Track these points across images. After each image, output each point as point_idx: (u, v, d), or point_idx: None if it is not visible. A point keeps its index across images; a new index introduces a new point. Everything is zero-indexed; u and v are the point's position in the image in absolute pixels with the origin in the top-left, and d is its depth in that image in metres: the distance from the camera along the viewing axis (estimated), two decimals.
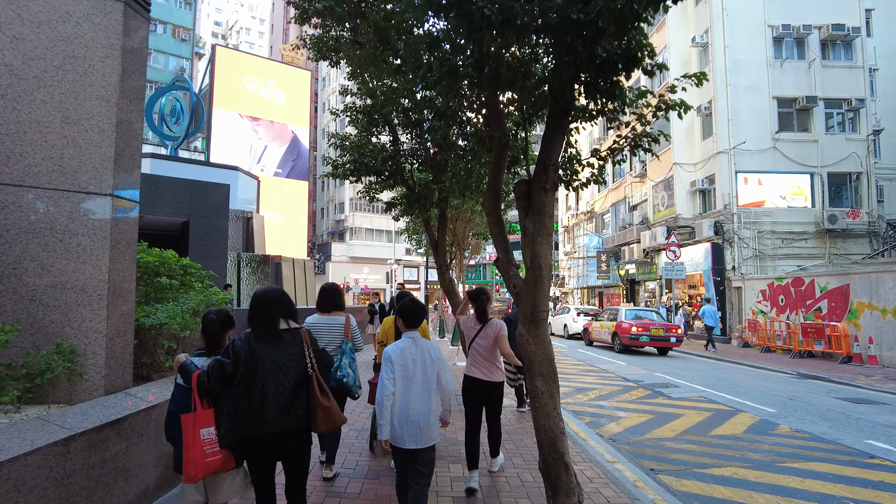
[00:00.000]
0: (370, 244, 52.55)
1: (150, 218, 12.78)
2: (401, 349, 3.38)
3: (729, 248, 21.85)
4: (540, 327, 3.79)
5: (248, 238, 18.62)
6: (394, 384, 3.29)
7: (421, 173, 8.00)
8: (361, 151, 7.66)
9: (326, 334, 4.59)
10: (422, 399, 3.32)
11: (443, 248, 8.51)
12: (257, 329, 2.91)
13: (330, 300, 4.77)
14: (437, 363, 3.44)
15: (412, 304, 3.64)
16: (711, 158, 22.81)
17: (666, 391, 10.42)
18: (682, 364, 15.13)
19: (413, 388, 3.31)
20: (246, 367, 2.77)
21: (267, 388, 2.78)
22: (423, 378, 3.35)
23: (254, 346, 2.82)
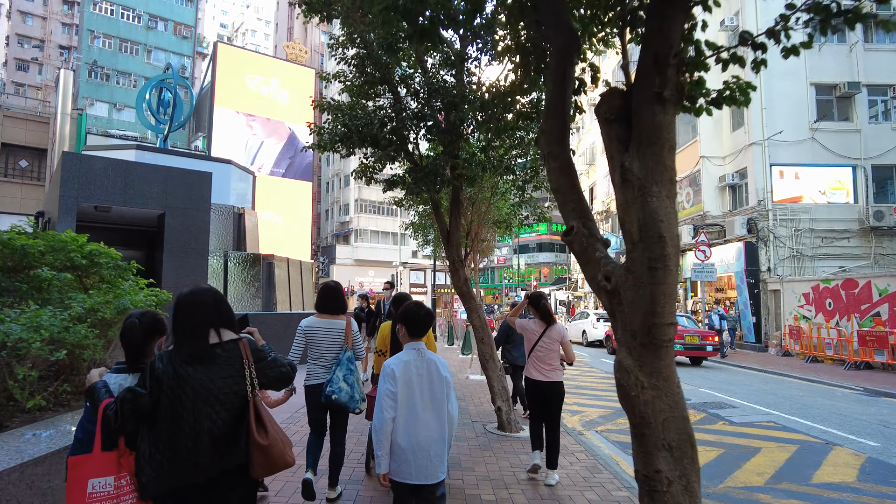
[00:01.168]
0: (375, 246, 51.02)
1: (120, 210, 11.21)
2: (404, 363, 2.83)
3: (764, 248, 20.04)
4: (662, 355, 2.13)
5: (239, 236, 17.06)
6: (395, 406, 2.75)
7: (429, 142, 6.32)
8: (353, 114, 6.02)
9: (324, 340, 4.20)
10: (431, 423, 2.79)
11: (456, 240, 6.84)
12: (181, 345, 2.19)
13: (330, 301, 4.34)
14: (447, 381, 2.88)
15: (418, 309, 3.01)
16: (743, 151, 21.03)
17: (723, 413, 8.67)
18: (724, 377, 13.36)
19: (419, 410, 2.79)
20: (171, 397, 2.09)
21: (200, 423, 2.10)
22: (432, 398, 2.82)
23: (178, 368, 2.12)
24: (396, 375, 2.80)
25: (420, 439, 2.75)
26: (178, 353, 2.14)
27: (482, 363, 6.83)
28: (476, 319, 6.80)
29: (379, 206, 51.67)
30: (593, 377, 13.00)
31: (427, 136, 6.27)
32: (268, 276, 15.29)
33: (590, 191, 38.44)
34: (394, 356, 2.95)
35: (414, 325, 2.93)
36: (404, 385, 2.80)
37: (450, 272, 7.01)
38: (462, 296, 6.95)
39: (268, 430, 2.20)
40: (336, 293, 4.40)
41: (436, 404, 2.83)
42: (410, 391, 2.80)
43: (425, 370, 2.85)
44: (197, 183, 11.96)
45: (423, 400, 2.82)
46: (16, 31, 59.38)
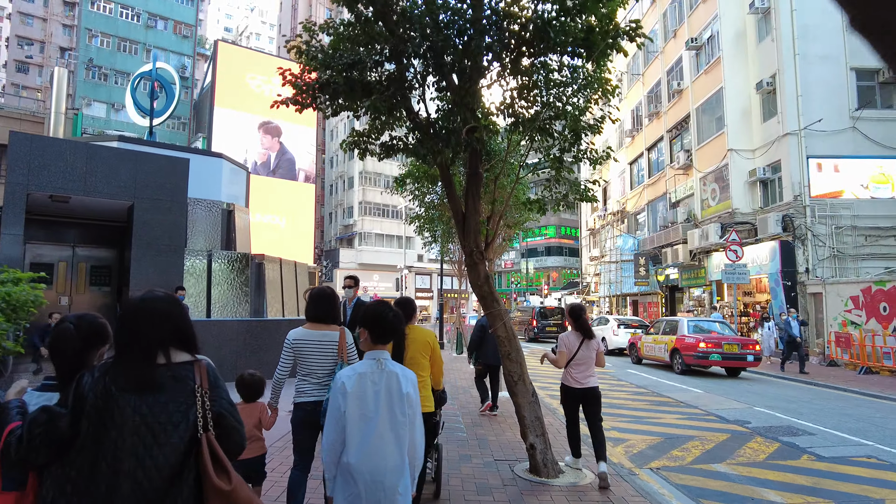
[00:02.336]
0: (380, 250, 49.55)
1: (81, 200, 9.73)
2: (359, 375, 2.40)
3: (801, 247, 18.35)
4: None
5: (228, 234, 15.58)
6: (344, 425, 2.32)
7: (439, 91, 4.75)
8: (339, 55, 4.48)
9: (315, 354, 3.61)
10: (388, 450, 2.32)
11: (474, 225, 5.28)
12: (120, 366, 1.71)
13: (321, 310, 3.73)
14: (409, 400, 2.40)
15: (384, 310, 2.58)
16: (776, 142, 19.37)
17: (801, 443, 7.04)
18: (773, 392, 11.70)
19: (375, 432, 2.32)
20: (94, 424, 1.63)
21: (121, 463, 1.61)
22: (391, 419, 2.36)
23: (112, 392, 1.65)
24: (347, 390, 2.37)
25: (374, 468, 2.30)
26: (116, 374, 1.69)
27: (508, 386, 5.26)
28: (501, 329, 5.22)
29: (384, 208, 50.25)
30: (626, 392, 11.37)
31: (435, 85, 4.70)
32: (257, 278, 13.78)
33: (603, 191, 36.83)
34: (348, 367, 2.59)
35: (379, 330, 2.53)
36: (357, 401, 2.36)
37: (466, 268, 5.45)
38: (482, 298, 5.38)
39: (230, 473, 1.74)
40: (328, 300, 3.78)
41: (395, 427, 2.37)
42: (364, 410, 2.36)
43: (384, 385, 2.40)
44: (171, 170, 10.47)
45: (378, 421, 2.36)
46: (16, 33, 58.55)
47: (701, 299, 24.82)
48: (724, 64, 21.23)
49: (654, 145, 28.68)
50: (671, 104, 26.07)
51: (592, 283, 38.17)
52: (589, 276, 39.22)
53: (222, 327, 10.95)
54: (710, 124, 22.72)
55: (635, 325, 21.21)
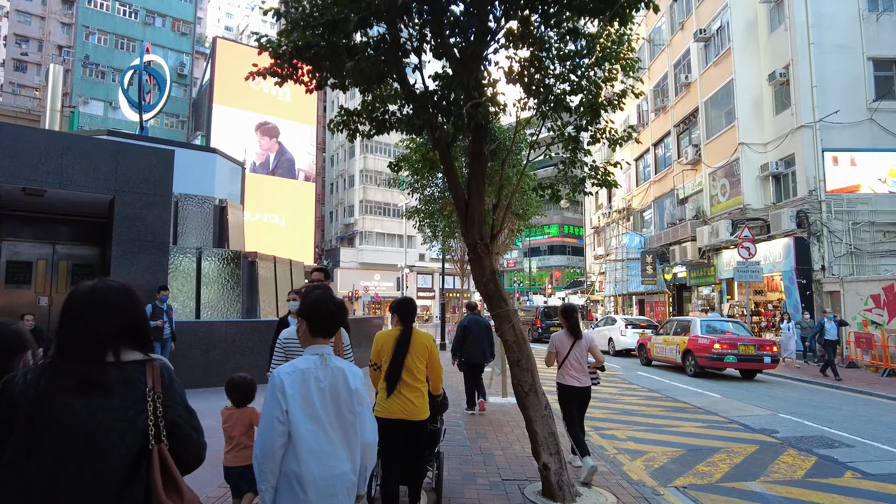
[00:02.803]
0: (381, 249, 48.95)
1: (58, 194, 9.11)
2: (301, 372, 2.12)
3: (816, 244, 17.66)
4: None
5: (220, 231, 14.96)
6: (285, 432, 2.04)
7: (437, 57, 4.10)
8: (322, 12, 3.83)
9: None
10: (337, 454, 2.09)
11: (479, 214, 4.64)
12: (64, 363, 1.52)
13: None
14: (359, 396, 2.18)
15: (325, 300, 2.30)
16: (790, 135, 18.67)
17: (840, 456, 6.37)
18: (796, 395, 11.03)
19: (323, 435, 2.09)
20: (25, 437, 1.44)
21: (58, 481, 1.43)
22: (338, 418, 2.13)
23: (50, 394, 1.46)
24: (286, 389, 2.06)
25: (324, 474, 2.04)
26: (58, 374, 1.49)
27: (518, 397, 4.62)
28: (510, 333, 4.57)
29: (385, 207, 49.65)
30: (638, 397, 10.71)
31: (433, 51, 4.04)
32: (250, 277, 13.15)
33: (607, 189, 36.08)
34: (287, 363, 2.21)
35: (319, 321, 2.25)
36: (300, 400, 2.07)
37: (469, 263, 4.80)
38: (487, 297, 4.73)
39: (182, 491, 1.57)
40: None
41: (344, 428, 2.13)
42: (309, 410, 2.07)
43: (328, 382, 2.13)
44: (155, 162, 9.84)
45: (326, 423, 2.09)
46: (14, 32, 58.05)
47: (710, 298, 24.14)
48: (735, 55, 20.54)
49: (660, 140, 28.00)
50: (678, 98, 25.39)
51: (597, 282, 37.48)
52: (593, 275, 38.53)
53: (211, 329, 10.33)
54: (719, 118, 22.03)
55: (644, 325, 20.52)
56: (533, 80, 4.24)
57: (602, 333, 21.31)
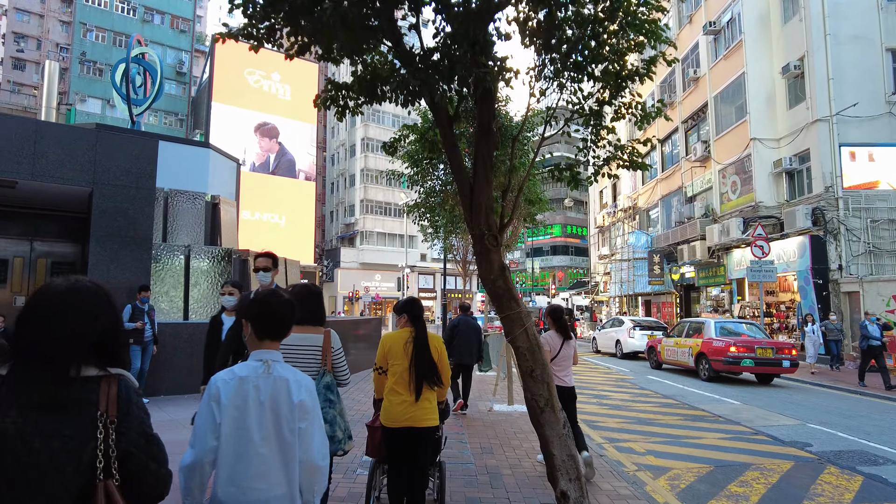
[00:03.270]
0: (382, 249, 48.29)
1: (31, 186, 8.48)
2: (239, 380, 1.87)
3: (833, 243, 16.98)
4: None
5: (213, 228, 14.36)
6: (216, 447, 1.82)
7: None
8: None
9: (293, 360, 2.84)
10: (272, 475, 1.83)
11: (485, 200, 4.01)
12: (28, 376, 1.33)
13: (303, 308, 2.81)
14: (303, 411, 1.91)
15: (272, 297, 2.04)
16: (804, 129, 18.00)
17: (889, 475, 5.71)
18: (819, 402, 10.37)
19: (255, 454, 1.83)
20: None
21: None
22: (278, 437, 1.86)
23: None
24: (222, 399, 1.83)
25: (253, 499, 1.80)
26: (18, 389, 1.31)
27: (532, 413, 3.98)
28: (522, 338, 3.92)
29: (386, 206, 49.03)
30: (652, 404, 10.04)
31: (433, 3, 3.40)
32: (241, 275, 12.51)
33: (613, 187, 35.48)
34: (226, 369, 1.95)
35: (265, 322, 1.97)
36: (234, 412, 1.83)
37: (475, 257, 4.15)
38: (496, 297, 4.08)
39: None
40: (311, 298, 3.18)
41: (282, 447, 1.87)
42: (243, 425, 1.83)
43: (269, 394, 1.87)
44: (137, 153, 9.21)
45: (261, 438, 1.84)
46: (12, 30, 57.59)
47: (719, 299, 23.47)
48: (747, 48, 19.87)
49: (667, 137, 27.32)
50: (686, 93, 24.73)
51: (601, 282, 36.80)
52: (598, 276, 37.85)
53: (197, 330, 9.66)
54: (729, 113, 21.37)
55: (653, 326, 19.85)
56: (552, 34, 3.59)
57: (608, 335, 20.66)
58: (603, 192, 37.61)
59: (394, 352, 3.44)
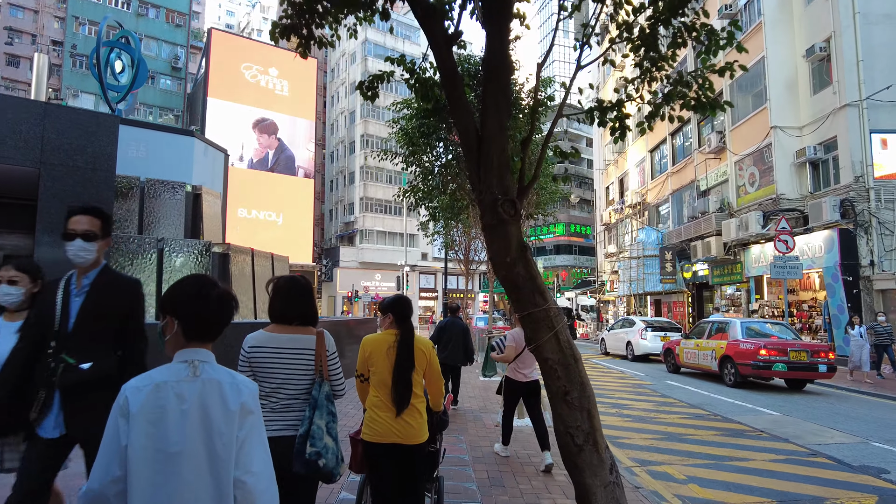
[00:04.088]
0: (382, 248, 47.16)
1: None
2: (156, 386, 1.51)
3: (864, 236, 15.79)
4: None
5: (194, 221, 13.24)
6: (121, 473, 1.46)
7: None
8: None
9: (280, 367, 2.56)
10: (198, 499, 1.47)
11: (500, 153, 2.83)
12: None
13: (290, 305, 2.68)
14: (245, 417, 1.56)
15: (203, 286, 1.64)
16: (831, 116, 16.82)
17: None
18: (870, 413, 9.20)
19: (180, 477, 1.47)
20: None
21: None
22: (208, 453, 1.50)
23: None
24: (131, 409, 1.46)
25: None
26: None
27: (566, 452, 2.83)
28: (551, 346, 2.79)
29: (386, 205, 47.92)
30: (678, 414, 8.87)
31: None
32: (222, 272, 11.39)
33: (619, 182, 34.30)
34: (142, 375, 1.57)
35: (199, 320, 1.60)
36: (149, 429, 1.46)
37: (485, 233, 2.99)
38: (515, 288, 2.92)
39: None
40: (299, 291, 2.69)
41: (214, 466, 1.49)
42: (162, 441, 1.46)
43: (196, 401, 1.50)
44: (94, 130, 8.07)
45: (186, 459, 1.47)
46: (5, 25, 56.63)
47: (735, 298, 22.28)
48: (766, 31, 18.69)
49: (678, 129, 26.14)
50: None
51: (608, 281, 35.61)
52: (604, 274, 36.66)
53: None
54: (746, 101, 20.19)
55: (666, 327, 18.67)
56: None
57: (618, 336, 19.48)
58: (609, 188, 36.43)
59: (375, 357, 3.02)
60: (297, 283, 2.73)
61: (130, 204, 12.05)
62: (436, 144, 7.28)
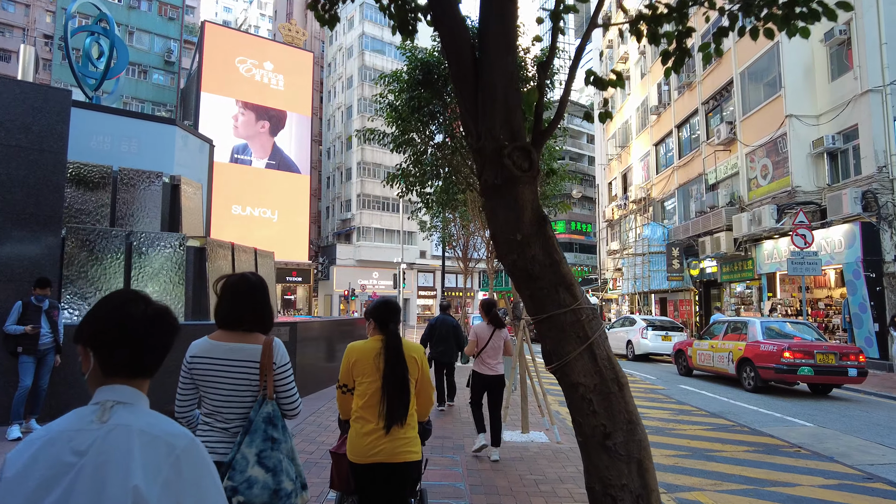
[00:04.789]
0: (380, 246, 46.27)
1: None
2: (47, 441, 1.08)
3: (888, 230, 14.87)
4: None
5: (172, 213, 12.33)
6: None
7: None
8: None
9: (222, 380, 2.23)
10: None
11: (505, 83, 1.84)
12: None
13: (237, 308, 2.33)
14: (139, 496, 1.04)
15: (127, 303, 1.23)
16: (851, 103, 15.88)
17: None
18: None
19: None
20: None
21: None
22: None
23: None
24: (4, 473, 1.07)
25: None
26: None
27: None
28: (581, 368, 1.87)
29: (384, 201, 46.99)
30: (700, 425, 7.93)
31: None
32: (198, 268, 10.44)
33: (623, 177, 33.38)
34: (50, 424, 1.16)
35: (111, 346, 1.19)
36: (31, 498, 1.03)
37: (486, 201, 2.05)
38: (527, 278, 1.98)
39: None
40: (248, 291, 2.33)
41: None
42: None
43: (90, 459, 1.07)
44: (40, 106, 7.11)
45: None
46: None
47: (744, 296, 21.36)
48: None
49: (685, 121, 25.22)
50: (707, 71, 22.59)
51: (611, 279, 34.68)
52: (608, 272, 35.74)
53: None
54: (758, 89, 19.25)
55: (667, 326, 17.82)
56: None
57: (618, 335, 18.58)
58: (612, 184, 35.51)
59: (361, 366, 2.74)
60: (246, 281, 2.37)
61: (101, 195, 11.14)
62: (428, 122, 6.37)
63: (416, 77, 6.45)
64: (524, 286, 2.02)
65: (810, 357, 10.37)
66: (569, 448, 6.20)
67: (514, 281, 2.07)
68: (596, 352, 1.93)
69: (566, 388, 1.98)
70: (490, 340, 5.80)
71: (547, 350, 2.02)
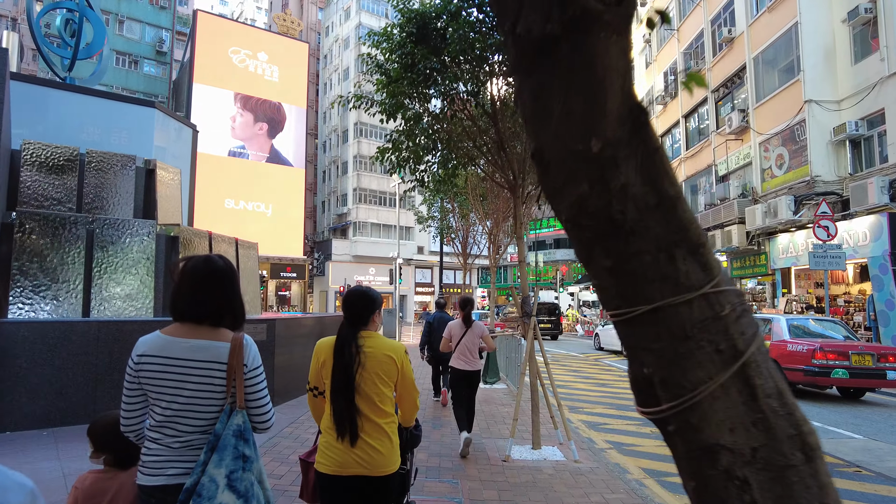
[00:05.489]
0: (377, 241, 45.26)
1: None
2: None
3: None
4: None
5: (146, 199, 11.30)
6: None
7: None
8: None
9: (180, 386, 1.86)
10: None
11: None
12: None
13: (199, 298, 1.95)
14: None
15: None
16: (877, 87, 14.89)
17: None
18: None
19: None
20: None
21: None
22: None
23: None
24: None
25: None
26: None
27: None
28: (728, 410, 0.93)
29: (381, 196, 45.97)
30: None
31: None
32: (170, 260, 9.43)
33: None
34: None
35: None
36: None
37: (517, 83, 1.03)
38: (614, 232, 0.97)
39: None
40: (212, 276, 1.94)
41: None
42: None
43: None
44: None
45: None
46: None
47: (756, 292, 20.41)
48: None
49: (693, 110, 24.23)
50: (718, 57, 21.59)
51: None
52: None
53: (70, 332, 6.61)
54: (772, 75, 18.27)
55: None
56: None
57: (612, 332, 17.58)
58: None
59: (330, 366, 2.38)
60: (210, 263, 1.95)
61: (67, 179, 10.13)
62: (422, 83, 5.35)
63: (410, 31, 5.44)
64: (602, 248, 1.01)
65: (845, 358, 9.40)
66: (589, 469, 5.22)
67: (578, 243, 1.06)
68: (755, 381, 0.94)
69: (689, 451, 0.98)
70: (462, 339, 5.89)
71: (646, 376, 1.02)
